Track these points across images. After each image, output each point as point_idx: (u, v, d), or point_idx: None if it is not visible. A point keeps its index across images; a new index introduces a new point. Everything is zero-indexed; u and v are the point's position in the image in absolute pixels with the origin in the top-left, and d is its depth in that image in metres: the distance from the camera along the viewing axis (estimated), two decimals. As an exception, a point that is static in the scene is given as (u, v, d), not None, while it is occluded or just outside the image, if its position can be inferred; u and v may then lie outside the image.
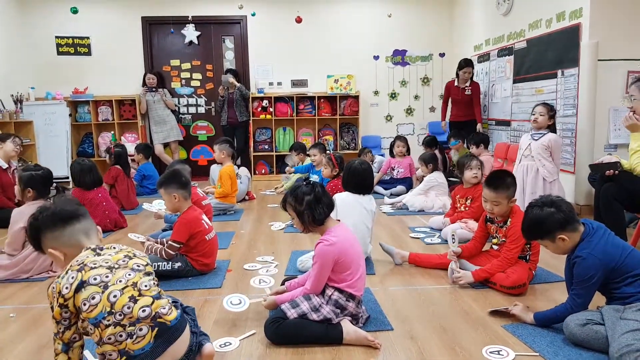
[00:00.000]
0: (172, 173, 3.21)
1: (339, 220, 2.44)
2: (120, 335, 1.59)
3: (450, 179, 5.55)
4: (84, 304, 1.58)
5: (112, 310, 1.59)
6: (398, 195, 5.79)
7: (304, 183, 2.37)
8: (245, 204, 5.77)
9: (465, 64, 6.60)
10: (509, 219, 2.90)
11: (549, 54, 5.33)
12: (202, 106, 8.34)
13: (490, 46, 6.81)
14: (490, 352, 2.09)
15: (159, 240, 3.27)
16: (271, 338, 2.20)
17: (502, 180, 2.89)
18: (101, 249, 1.76)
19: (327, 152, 5.38)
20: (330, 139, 8.14)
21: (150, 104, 7.64)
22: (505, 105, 6.36)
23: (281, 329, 2.17)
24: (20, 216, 3.23)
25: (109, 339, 1.58)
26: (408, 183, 6.13)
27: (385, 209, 5.19)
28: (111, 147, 5.87)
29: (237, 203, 5.45)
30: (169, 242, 3.07)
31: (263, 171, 8.13)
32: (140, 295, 1.67)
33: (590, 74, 4.70)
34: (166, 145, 7.83)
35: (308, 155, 6.32)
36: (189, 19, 7.83)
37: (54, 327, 1.68)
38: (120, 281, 1.66)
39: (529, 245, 2.85)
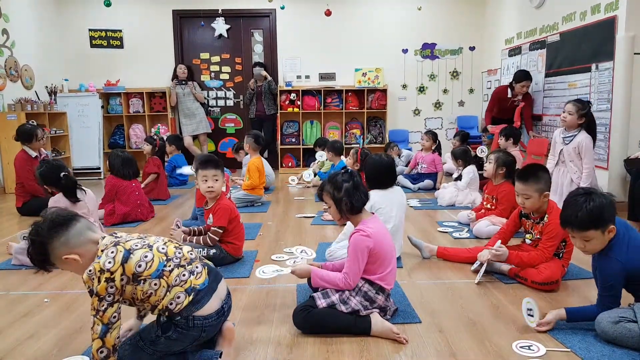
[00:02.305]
0: (208, 157, 3.26)
1: (373, 213, 2.43)
2: (184, 275, 1.80)
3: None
4: (139, 266, 1.72)
5: (168, 257, 1.80)
6: (426, 189, 5.75)
7: (342, 171, 2.35)
8: (273, 196, 5.82)
9: (525, 77, 5.97)
10: (546, 215, 2.83)
11: (583, 48, 5.21)
12: (231, 99, 8.41)
13: (522, 39, 6.69)
14: (521, 347, 2.07)
15: (190, 229, 3.32)
16: (299, 325, 2.22)
17: (532, 174, 2.81)
18: (117, 234, 1.85)
19: (357, 145, 5.36)
20: (358, 132, 8.12)
21: (180, 97, 7.76)
22: (537, 99, 6.24)
23: (310, 317, 2.19)
24: (57, 205, 3.32)
25: (176, 280, 1.77)
26: (434, 178, 6.10)
27: (412, 203, 5.16)
28: (156, 138, 5.98)
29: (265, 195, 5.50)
30: (212, 228, 3.15)
31: (290, 164, 8.16)
32: (180, 246, 1.90)
33: (626, 68, 4.59)
34: (195, 137, 7.94)
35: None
36: (219, 12, 7.91)
37: (95, 306, 1.67)
38: (157, 241, 1.86)
39: (564, 243, 2.79)
